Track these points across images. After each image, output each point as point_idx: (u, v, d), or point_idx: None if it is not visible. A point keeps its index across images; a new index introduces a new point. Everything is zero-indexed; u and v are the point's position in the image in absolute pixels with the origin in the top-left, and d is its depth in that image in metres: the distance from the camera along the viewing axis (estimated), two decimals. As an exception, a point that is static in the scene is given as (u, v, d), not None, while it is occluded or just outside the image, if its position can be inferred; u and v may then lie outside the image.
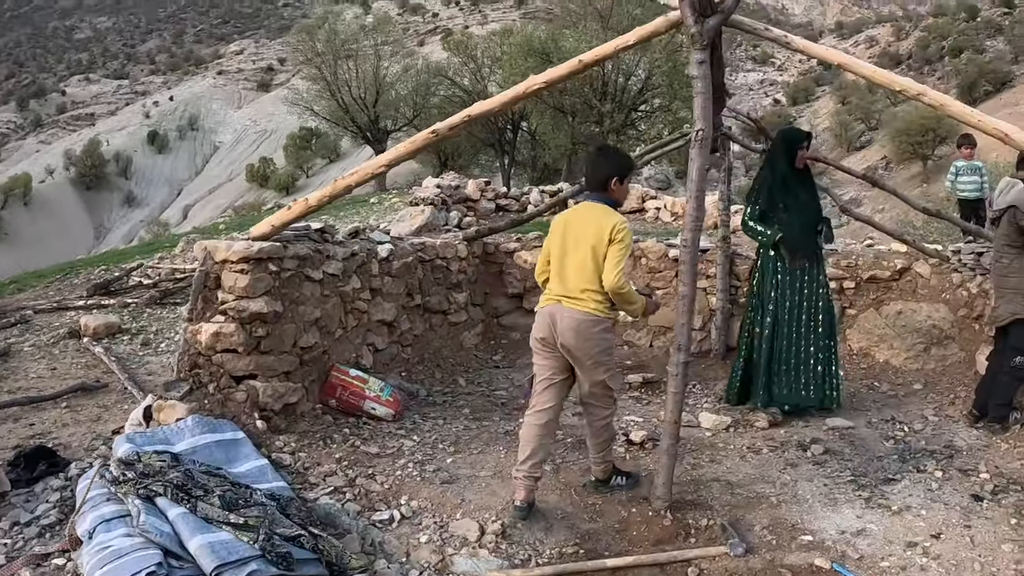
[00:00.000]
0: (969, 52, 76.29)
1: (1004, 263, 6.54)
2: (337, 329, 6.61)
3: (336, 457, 5.39)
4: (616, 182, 4.98)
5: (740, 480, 5.43)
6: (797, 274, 6.89)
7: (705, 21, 4.70)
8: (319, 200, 5.95)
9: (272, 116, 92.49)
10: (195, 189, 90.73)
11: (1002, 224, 6.60)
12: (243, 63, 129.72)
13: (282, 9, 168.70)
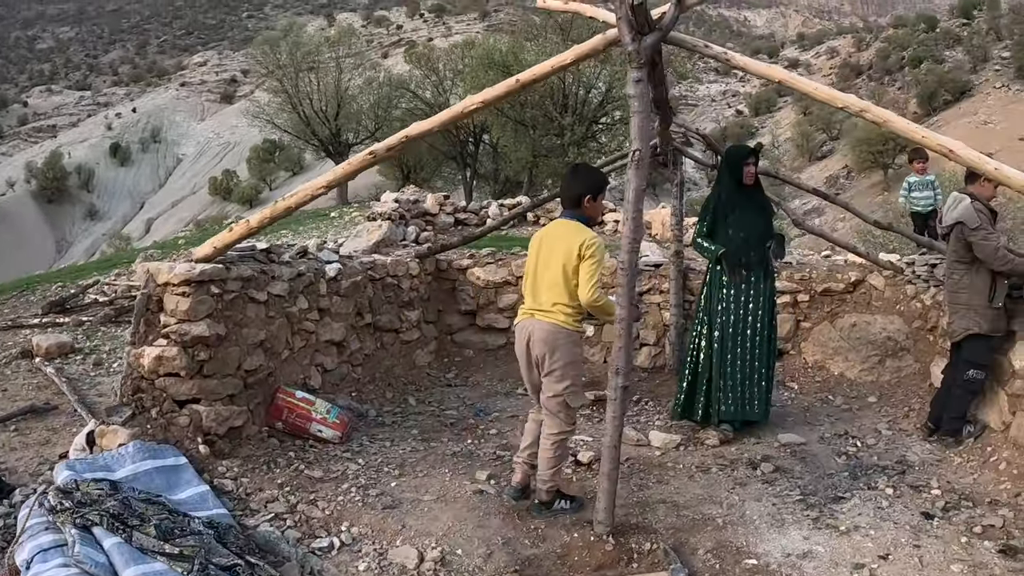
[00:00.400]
0: (929, 62, 77.37)
1: (955, 279, 6.54)
2: (284, 350, 6.51)
3: (279, 482, 5.29)
4: (589, 199, 5.11)
5: (687, 501, 5.35)
6: (743, 288, 6.88)
7: (642, 39, 4.61)
8: (260, 222, 5.85)
9: (235, 128, 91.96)
10: (158, 202, 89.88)
11: (951, 240, 6.61)
12: (206, 75, 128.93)
13: (246, 20, 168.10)
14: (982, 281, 6.32)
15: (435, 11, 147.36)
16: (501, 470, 5.80)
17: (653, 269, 9.10)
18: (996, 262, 6.19)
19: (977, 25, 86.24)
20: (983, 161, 4.86)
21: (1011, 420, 6.15)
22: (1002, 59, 71.67)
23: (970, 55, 75.38)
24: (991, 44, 76.83)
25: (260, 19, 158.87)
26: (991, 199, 6.55)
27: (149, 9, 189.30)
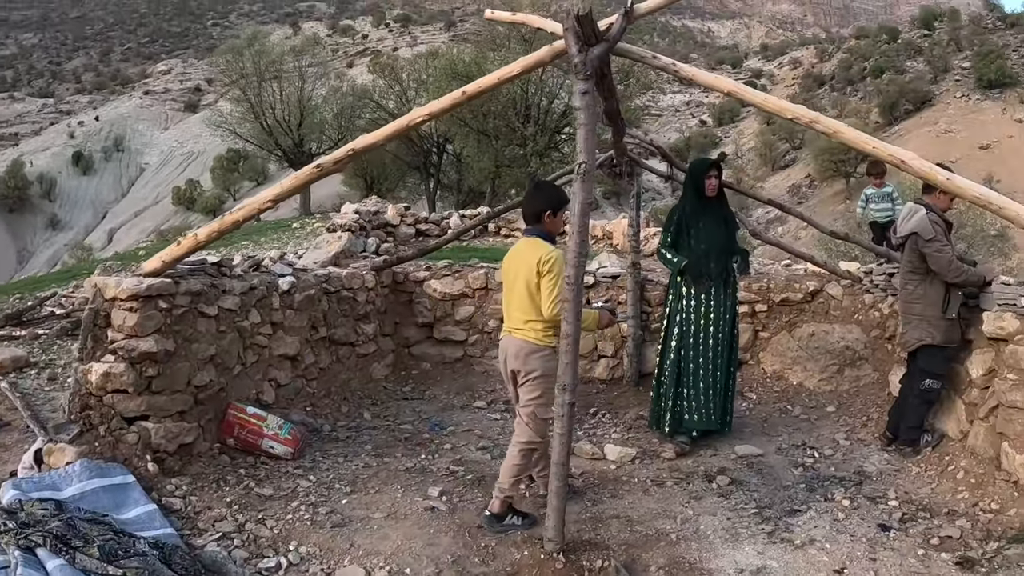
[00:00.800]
0: (890, 72, 78.51)
1: (909, 289, 6.55)
2: (236, 365, 6.40)
3: (227, 500, 5.19)
4: (549, 215, 5.15)
5: (641, 516, 5.29)
6: (703, 299, 6.85)
7: (589, 50, 4.55)
8: (208, 235, 5.75)
9: (199, 138, 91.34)
10: (120, 212, 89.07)
11: (905, 251, 6.61)
12: (170, 83, 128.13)
13: (211, 28, 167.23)
14: (936, 292, 6.33)
15: (401, 21, 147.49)
16: (454, 486, 5.72)
17: (611, 280, 9.07)
18: (949, 274, 6.20)
19: (938, 36, 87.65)
20: (935, 172, 4.83)
21: (969, 429, 6.17)
22: (962, 69, 72.77)
23: (931, 65, 76.49)
24: (951, 55, 78.04)
25: (225, 27, 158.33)
26: (947, 210, 6.56)
27: (113, 16, 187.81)
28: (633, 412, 7.82)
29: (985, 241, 24.33)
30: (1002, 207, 4.66)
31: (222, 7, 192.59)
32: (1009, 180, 52.44)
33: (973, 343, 6.30)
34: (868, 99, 76.33)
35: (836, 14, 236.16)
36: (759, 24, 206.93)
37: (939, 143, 59.06)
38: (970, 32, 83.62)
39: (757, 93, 4.97)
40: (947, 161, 28.13)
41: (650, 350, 8.72)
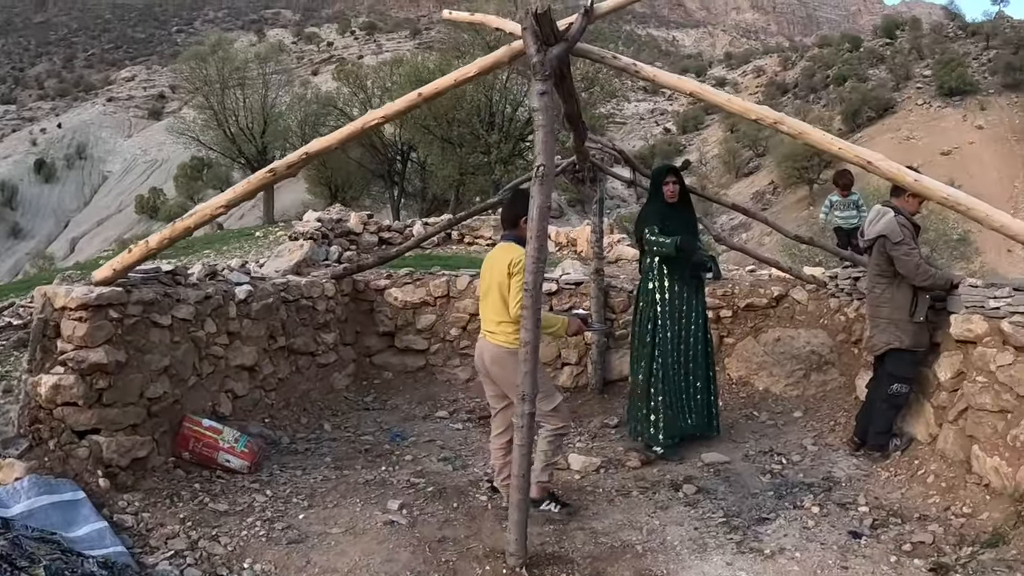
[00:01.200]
0: (853, 80, 79.35)
1: (877, 293, 6.47)
2: (191, 376, 6.22)
3: (181, 517, 5.00)
4: (523, 220, 5.07)
5: (606, 527, 5.17)
6: (676, 304, 6.78)
7: (548, 50, 4.43)
8: (160, 242, 5.61)
9: (163, 145, 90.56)
10: (83, 220, 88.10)
11: (873, 254, 6.53)
12: (134, 90, 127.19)
13: (175, 35, 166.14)
14: (903, 295, 6.26)
15: (366, 29, 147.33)
16: (414, 499, 5.58)
17: (574, 287, 8.97)
18: (917, 278, 6.13)
19: (900, 44, 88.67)
20: (903, 173, 4.75)
21: (938, 432, 6.12)
22: (924, 77, 73.62)
23: (893, 73, 77.38)
24: (913, 63, 78.93)
25: (190, 33, 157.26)
26: (915, 213, 6.49)
27: (77, 22, 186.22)
28: (598, 420, 7.73)
29: (948, 245, 24.56)
30: (970, 208, 4.60)
31: (187, 13, 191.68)
32: (970, 185, 53.02)
33: (941, 346, 6.25)
34: (831, 107, 77.03)
35: (799, 23, 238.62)
36: (723, 33, 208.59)
37: (901, 149, 59.68)
38: (931, 40, 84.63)
39: (721, 94, 4.87)
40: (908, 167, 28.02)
41: (615, 357, 8.65)
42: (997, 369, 5.36)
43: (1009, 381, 5.24)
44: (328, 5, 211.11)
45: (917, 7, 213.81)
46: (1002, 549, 4.64)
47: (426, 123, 28.82)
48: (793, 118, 4.87)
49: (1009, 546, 4.65)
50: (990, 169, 56.06)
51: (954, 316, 5.90)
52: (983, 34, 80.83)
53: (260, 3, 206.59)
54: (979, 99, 66.34)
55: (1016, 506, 4.91)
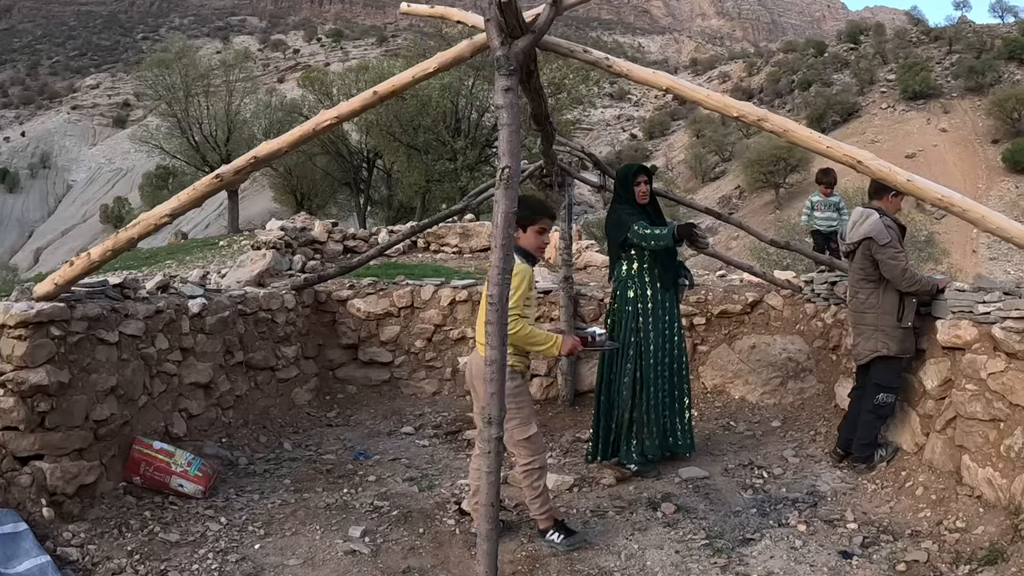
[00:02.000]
0: (817, 85, 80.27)
1: (861, 298, 6.22)
2: (141, 396, 5.89)
3: (128, 549, 4.67)
4: (518, 231, 4.90)
5: (581, 553, 4.86)
6: (660, 313, 6.38)
7: (513, 43, 4.13)
8: (102, 254, 5.28)
9: (128, 154, 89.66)
10: (47, 231, 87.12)
11: (857, 257, 6.27)
12: (98, 98, 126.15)
13: (141, 42, 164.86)
14: (890, 300, 6.03)
15: (333, 36, 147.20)
16: (378, 524, 5.26)
17: (542, 296, 8.70)
18: (903, 282, 5.90)
19: (864, 49, 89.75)
20: (894, 172, 4.50)
21: (924, 442, 5.92)
22: (888, 81, 74.56)
23: (857, 78, 78.42)
24: (877, 67, 80.00)
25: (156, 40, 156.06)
26: (897, 212, 6.29)
27: (41, 28, 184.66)
28: (569, 434, 7.45)
29: (915, 247, 24.61)
30: (966, 209, 4.35)
31: (152, 20, 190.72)
32: (935, 188, 53.70)
33: (927, 352, 6.03)
34: (796, 111, 77.74)
35: (764, 29, 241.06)
36: (689, 39, 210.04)
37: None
38: (895, 45, 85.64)
39: (699, 89, 4.58)
40: None
41: (585, 368, 8.39)
42: (988, 377, 5.15)
43: (1001, 389, 5.03)
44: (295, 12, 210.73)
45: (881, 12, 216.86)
46: (1001, 567, 4.42)
47: (392, 130, 28.67)
48: (779, 116, 4.59)
49: (1008, 563, 4.42)
50: (954, 171, 56.72)
51: (940, 322, 5.70)
52: (946, 39, 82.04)
53: (226, 10, 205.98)
54: (942, 102, 67.31)
55: (1012, 519, 4.69)
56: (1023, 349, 4.87)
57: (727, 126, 78.68)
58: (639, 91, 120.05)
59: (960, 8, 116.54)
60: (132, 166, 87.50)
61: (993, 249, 44.26)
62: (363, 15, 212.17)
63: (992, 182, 53.19)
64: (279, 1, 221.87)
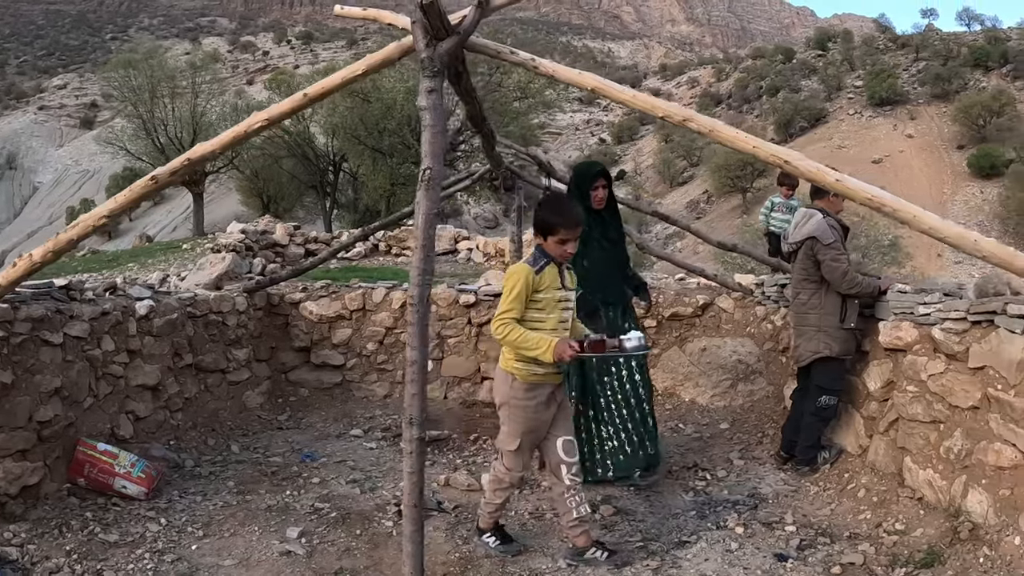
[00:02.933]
0: (786, 91, 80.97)
1: (803, 299, 6.25)
2: (86, 398, 5.89)
3: (67, 549, 4.68)
4: (540, 237, 4.77)
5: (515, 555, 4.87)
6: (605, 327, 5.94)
7: (438, 45, 4.15)
8: (43, 255, 5.27)
9: (95, 155, 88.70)
10: (12, 233, 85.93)
11: (799, 258, 6.29)
12: (66, 98, 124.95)
13: (109, 42, 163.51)
14: (832, 301, 6.05)
15: (303, 38, 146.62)
16: (316, 525, 5.26)
17: (492, 299, 8.72)
18: (844, 285, 5.93)
19: (832, 56, 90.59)
20: (823, 172, 4.52)
21: (868, 444, 5.97)
22: (855, 88, 75.30)
23: (825, 84, 79.16)
24: (845, 74, 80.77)
25: (124, 41, 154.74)
26: (839, 213, 6.31)
27: (9, 27, 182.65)
28: (523, 439, 7.47)
29: (879, 250, 24.82)
30: (897, 209, 4.39)
31: (121, 20, 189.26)
32: (901, 192, 53.25)
33: (870, 354, 6.09)
34: (764, 117, 78.44)
35: (733, 35, 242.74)
36: (658, 45, 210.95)
37: (833, 158, 60.62)
38: (863, 52, 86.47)
39: (625, 89, 4.61)
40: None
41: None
42: (928, 378, 5.21)
43: (941, 391, 5.09)
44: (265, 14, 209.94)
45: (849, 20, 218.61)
46: (937, 569, 4.45)
47: (357, 133, 28.71)
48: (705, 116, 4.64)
49: (945, 566, 4.46)
50: (920, 177, 57.35)
51: (883, 323, 5.76)
52: (913, 46, 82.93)
53: (196, 11, 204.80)
54: (909, 109, 68.02)
55: (951, 521, 4.73)
56: (961, 350, 4.90)
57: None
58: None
59: (927, 16, 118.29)
60: (99, 168, 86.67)
61: (958, 252, 44.73)
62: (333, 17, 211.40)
63: (957, 187, 53.85)
64: (249, 2, 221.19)
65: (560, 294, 4.76)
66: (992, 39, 76.47)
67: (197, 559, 4.74)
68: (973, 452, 4.75)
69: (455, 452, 7.13)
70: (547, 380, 4.77)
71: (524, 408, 4.73)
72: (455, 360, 8.79)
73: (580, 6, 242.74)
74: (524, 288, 4.57)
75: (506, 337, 4.53)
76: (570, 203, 4.96)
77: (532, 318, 4.64)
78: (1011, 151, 55.02)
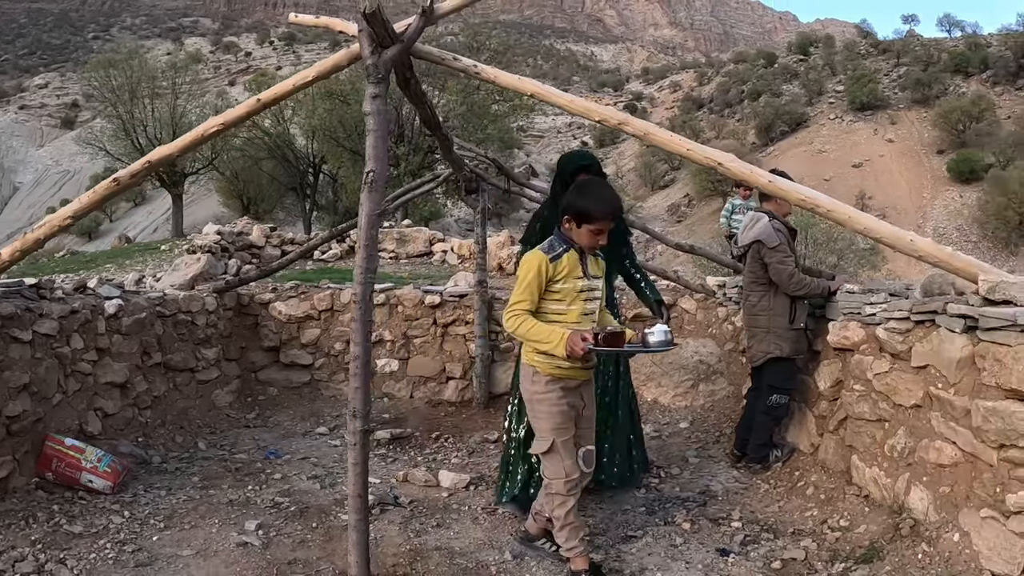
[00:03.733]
0: (767, 95, 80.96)
1: (753, 301, 6.43)
2: (55, 394, 6.03)
3: (32, 539, 4.82)
4: (571, 223, 4.41)
5: (464, 547, 5.02)
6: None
7: (383, 52, 4.31)
8: (11, 255, 5.53)
9: (75, 156, 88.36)
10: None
11: (748, 261, 6.50)
12: (47, 97, 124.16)
13: (91, 42, 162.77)
14: (781, 303, 6.23)
15: (285, 39, 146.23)
16: (274, 519, 5.41)
17: (458, 300, 8.95)
18: (791, 287, 6.10)
19: (813, 61, 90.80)
20: (756, 174, 4.68)
21: (819, 442, 6.10)
22: (836, 92, 75.43)
23: (806, 89, 79.12)
24: (826, 78, 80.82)
25: (107, 40, 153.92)
26: (787, 215, 6.48)
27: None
28: (479, 435, 7.66)
29: (856, 254, 24.96)
30: (831, 210, 4.56)
31: (104, 20, 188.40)
32: (880, 197, 54.54)
33: (821, 354, 6.24)
34: (745, 121, 78.54)
35: (716, 39, 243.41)
36: (641, 48, 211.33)
37: (813, 162, 61.11)
38: (844, 57, 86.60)
39: (562, 95, 4.78)
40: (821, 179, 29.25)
41: (500, 370, 8.62)
42: (874, 377, 5.33)
43: (886, 389, 5.21)
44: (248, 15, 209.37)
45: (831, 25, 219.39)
46: (876, 565, 4.55)
47: (336, 135, 28.87)
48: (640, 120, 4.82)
49: (884, 561, 4.55)
50: (900, 181, 57.61)
51: (832, 323, 5.90)
52: (894, 51, 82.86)
53: (179, 11, 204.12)
54: (889, 114, 68.15)
55: (894, 518, 4.86)
56: (905, 350, 5.01)
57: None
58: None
59: (909, 22, 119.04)
60: (79, 168, 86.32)
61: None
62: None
63: (937, 191, 54.05)
64: (232, 3, 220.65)
65: (582, 283, 4.42)
66: (972, 45, 76.45)
67: (157, 549, 4.87)
68: (916, 450, 4.86)
69: (417, 450, 7.32)
70: (573, 376, 4.50)
71: (548, 401, 4.45)
72: (421, 360, 8.96)
73: (563, 9, 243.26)
74: (537, 277, 4.30)
75: (516, 330, 4.30)
76: (608, 189, 4.53)
77: (551, 310, 4.38)
78: (990, 156, 55.23)
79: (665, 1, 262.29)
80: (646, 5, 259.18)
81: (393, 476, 6.39)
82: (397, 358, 8.96)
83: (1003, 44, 74.19)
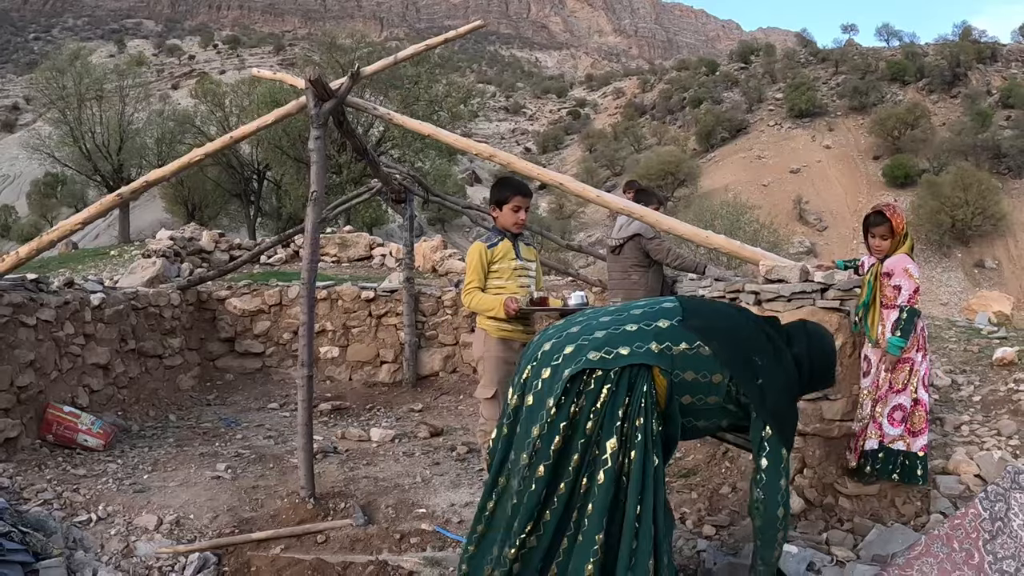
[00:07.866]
0: (708, 103, 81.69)
1: (634, 279, 8.15)
2: (53, 371, 7.12)
3: (48, 478, 6.03)
4: (496, 209, 5.72)
5: (386, 476, 6.48)
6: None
7: (323, 105, 6.06)
8: (29, 253, 6.75)
9: (15, 160, 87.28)
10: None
11: (626, 251, 8.20)
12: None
13: (32, 43, 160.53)
14: (656, 279, 8.09)
15: (229, 43, 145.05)
16: (239, 463, 6.76)
17: (389, 294, 10.40)
18: (672, 262, 8.00)
19: (754, 69, 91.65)
20: (586, 190, 6.32)
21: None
22: (775, 100, 76.27)
23: (746, 96, 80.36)
24: (766, 86, 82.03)
25: (48, 41, 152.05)
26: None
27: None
28: (406, 407, 9.15)
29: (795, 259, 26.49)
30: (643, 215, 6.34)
31: (45, 20, 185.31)
32: (816, 201, 56.15)
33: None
34: (687, 127, 79.38)
35: (660, 47, 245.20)
36: (585, 55, 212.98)
37: (752, 168, 62.51)
38: (784, 66, 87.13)
39: (450, 135, 6.56)
40: (760, 185, 30.86)
41: (425, 355, 10.10)
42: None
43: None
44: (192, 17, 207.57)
45: (773, 34, 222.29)
46: (691, 479, 6.17)
47: (280, 143, 29.68)
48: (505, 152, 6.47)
49: (697, 476, 6.19)
50: (836, 186, 58.91)
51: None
52: (833, 60, 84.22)
53: (122, 12, 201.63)
54: (827, 120, 69.01)
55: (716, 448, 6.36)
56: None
57: (619, 141, 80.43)
58: (533, 105, 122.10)
59: (848, 31, 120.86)
60: (19, 173, 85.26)
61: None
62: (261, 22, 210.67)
63: (872, 195, 54.21)
64: (176, 5, 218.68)
65: (515, 263, 5.65)
66: (910, 54, 77.94)
67: (148, 483, 6.21)
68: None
69: (353, 418, 8.85)
70: (515, 336, 5.63)
71: (496, 359, 5.56)
72: (358, 347, 10.39)
73: (508, 15, 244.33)
74: (479, 261, 5.54)
75: (470, 303, 5.55)
76: (517, 177, 5.86)
77: (494, 286, 5.59)
78: (924, 162, 56.64)
79: (610, 8, 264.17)
80: (591, 12, 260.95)
81: (333, 435, 7.88)
82: (337, 346, 10.38)
83: (939, 53, 75.87)
